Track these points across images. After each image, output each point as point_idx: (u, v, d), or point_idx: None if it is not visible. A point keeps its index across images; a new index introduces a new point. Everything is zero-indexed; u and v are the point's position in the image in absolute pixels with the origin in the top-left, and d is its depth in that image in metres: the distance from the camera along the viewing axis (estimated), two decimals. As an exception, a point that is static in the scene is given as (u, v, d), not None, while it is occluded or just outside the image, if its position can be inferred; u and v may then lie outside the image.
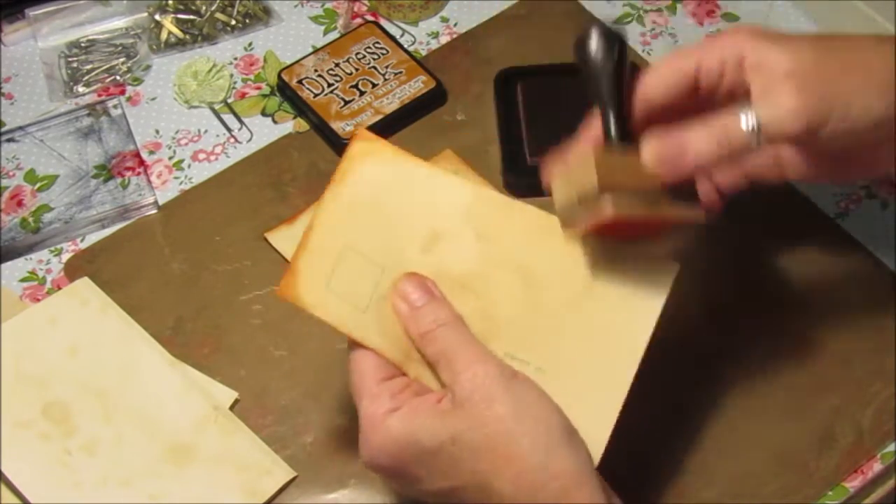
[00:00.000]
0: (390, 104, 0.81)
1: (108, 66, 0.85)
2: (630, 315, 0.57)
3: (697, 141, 0.55)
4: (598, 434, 0.55)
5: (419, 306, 0.56)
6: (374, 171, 0.58)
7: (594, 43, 0.57)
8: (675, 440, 0.68)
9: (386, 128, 0.81)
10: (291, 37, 0.87)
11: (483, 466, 0.53)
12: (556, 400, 0.54)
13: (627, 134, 0.57)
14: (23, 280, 0.75)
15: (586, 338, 0.57)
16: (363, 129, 0.59)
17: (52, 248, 0.76)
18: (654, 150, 0.55)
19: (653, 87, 0.58)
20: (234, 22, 0.87)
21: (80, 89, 0.84)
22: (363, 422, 0.55)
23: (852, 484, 0.67)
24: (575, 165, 0.55)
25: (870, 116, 0.55)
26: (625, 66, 0.58)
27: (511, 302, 0.57)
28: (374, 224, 0.58)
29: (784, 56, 0.55)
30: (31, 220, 0.77)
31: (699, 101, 0.59)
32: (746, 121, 0.55)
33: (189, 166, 0.80)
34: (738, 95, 0.57)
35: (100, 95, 0.84)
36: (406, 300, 0.56)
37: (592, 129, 0.59)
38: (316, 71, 0.83)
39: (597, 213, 0.53)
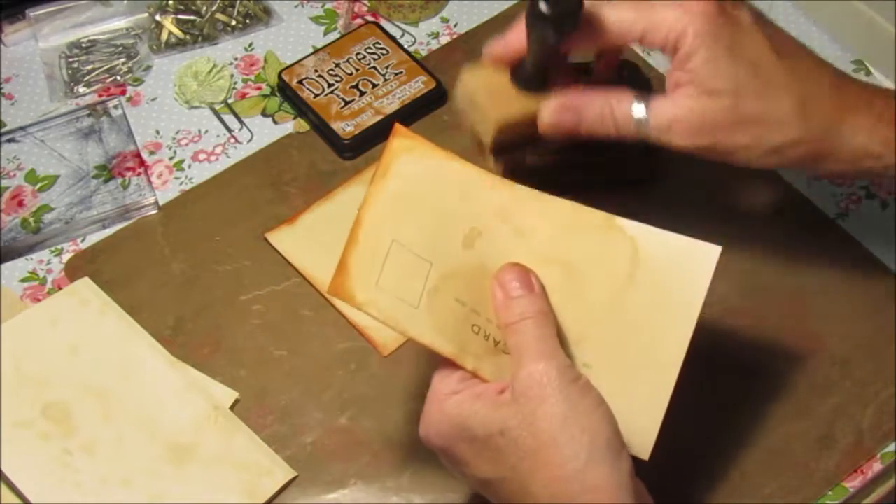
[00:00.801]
0: (390, 104, 0.81)
1: (108, 66, 0.85)
2: (674, 302, 0.57)
3: (590, 114, 0.60)
4: (647, 426, 0.56)
5: (514, 297, 0.56)
6: (413, 166, 0.57)
7: (544, 2, 0.56)
8: (674, 440, 0.68)
9: (386, 128, 0.80)
10: (292, 37, 0.87)
11: (524, 465, 0.53)
12: (604, 395, 0.55)
13: (541, 78, 0.61)
14: (23, 280, 0.75)
15: (631, 330, 0.57)
16: (399, 126, 0.58)
17: (53, 249, 0.76)
18: (551, 116, 0.60)
19: (593, 39, 0.60)
20: (234, 22, 0.87)
21: (81, 89, 0.84)
22: (427, 398, 0.57)
23: (852, 484, 0.67)
24: (482, 102, 0.62)
25: (751, 164, 0.60)
26: (568, 21, 0.57)
27: (553, 297, 0.57)
28: (418, 219, 0.57)
29: (705, 82, 0.57)
30: (31, 220, 0.77)
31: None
32: (638, 112, 0.59)
33: (189, 166, 0.80)
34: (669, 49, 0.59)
35: (100, 96, 0.84)
36: (504, 288, 0.57)
37: (510, 45, 0.61)
38: (316, 71, 0.83)
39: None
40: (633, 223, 0.58)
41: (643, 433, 0.56)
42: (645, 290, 0.57)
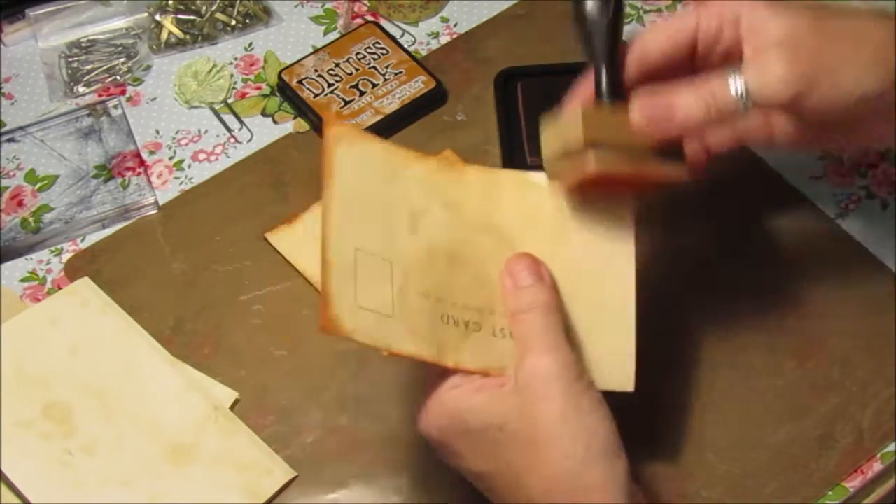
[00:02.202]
0: (390, 104, 0.81)
1: (108, 66, 0.85)
2: (608, 238, 0.59)
3: (686, 102, 0.56)
4: (623, 360, 0.57)
5: (523, 286, 0.56)
6: (348, 158, 0.57)
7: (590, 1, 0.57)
8: (674, 440, 0.68)
9: (386, 128, 0.81)
10: (292, 37, 0.87)
11: (520, 461, 0.53)
12: (572, 342, 0.55)
13: (620, 92, 0.58)
14: (23, 280, 0.75)
15: (578, 277, 0.58)
16: (328, 114, 0.58)
17: (53, 248, 0.76)
18: (642, 109, 0.56)
19: (650, 44, 0.59)
20: (234, 22, 0.87)
21: (81, 89, 0.84)
22: (426, 391, 0.57)
23: (852, 484, 0.67)
24: (564, 120, 0.56)
25: (859, 89, 0.55)
26: (621, 22, 0.58)
27: (498, 262, 0.58)
28: (369, 216, 0.57)
29: (778, 22, 0.55)
30: (31, 220, 0.77)
31: (696, 61, 0.60)
32: (735, 85, 0.56)
33: (189, 166, 0.80)
34: (733, 57, 0.58)
35: (100, 95, 0.84)
36: (514, 277, 0.57)
37: (584, 87, 0.59)
38: (316, 71, 0.83)
39: (581, 168, 0.55)
40: (545, 176, 0.59)
41: (621, 367, 0.57)
42: (579, 237, 0.59)
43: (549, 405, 0.53)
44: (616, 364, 0.58)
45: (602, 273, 0.59)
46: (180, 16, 0.86)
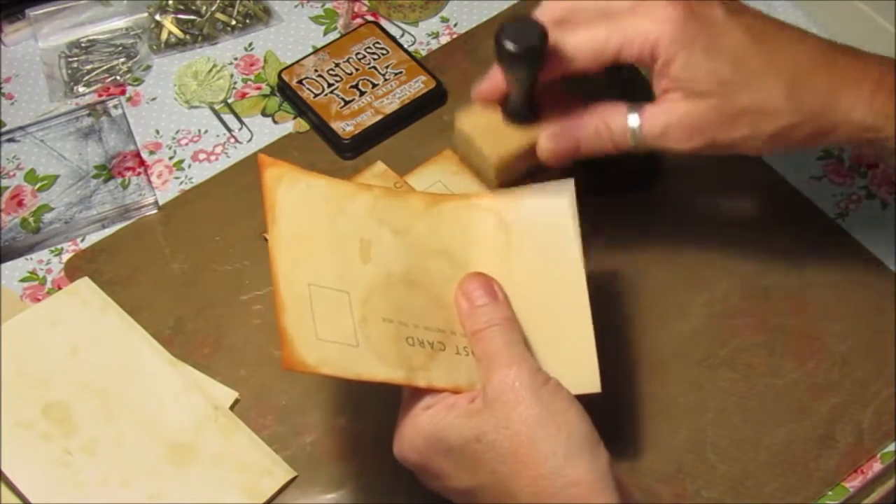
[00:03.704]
0: (390, 104, 0.81)
1: (108, 66, 0.85)
2: (555, 247, 0.60)
3: (584, 134, 0.59)
4: (586, 364, 0.58)
5: (478, 305, 0.57)
6: (291, 195, 0.57)
7: (509, 41, 0.56)
8: (674, 440, 0.68)
9: (386, 128, 0.81)
10: (291, 37, 0.87)
11: (503, 468, 0.53)
12: (536, 355, 0.57)
13: (528, 114, 0.61)
14: (23, 280, 0.75)
15: (531, 290, 0.59)
16: (263, 155, 0.57)
17: (53, 248, 0.76)
18: (548, 148, 0.60)
19: (570, 64, 0.59)
20: (234, 22, 0.87)
21: (81, 89, 0.84)
22: (399, 415, 0.57)
23: (852, 484, 0.67)
24: (477, 147, 0.61)
25: (757, 151, 0.59)
26: (543, 54, 0.57)
27: (450, 284, 0.59)
28: (318, 251, 0.57)
29: (689, 83, 0.57)
30: (31, 220, 0.77)
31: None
32: (632, 122, 0.59)
33: (189, 166, 0.80)
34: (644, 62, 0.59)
35: (100, 95, 0.84)
36: (468, 298, 0.58)
37: (493, 84, 0.61)
38: (316, 71, 0.83)
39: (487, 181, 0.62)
40: (487, 197, 0.61)
41: (585, 370, 0.58)
42: (525, 251, 0.60)
43: (524, 412, 0.53)
44: (580, 368, 0.58)
45: (553, 282, 0.60)
46: (180, 16, 0.86)
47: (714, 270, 0.74)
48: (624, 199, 0.77)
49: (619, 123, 0.59)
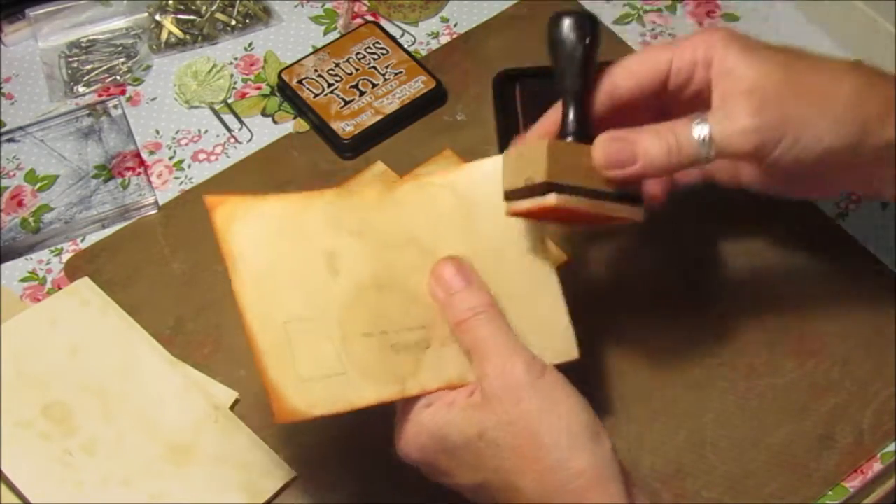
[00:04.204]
0: (390, 104, 0.81)
1: (108, 66, 0.85)
2: (516, 231, 0.60)
3: (648, 146, 0.55)
4: (561, 330, 0.59)
5: (455, 293, 0.57)
6: (245, 231, 0.56)
7: (565, 28, 0.56)
8: (674, 440, 0.68)
9: (386, 128, 0.81)
10: (292, 37, 0.87)
11: (507, 464, 0.53)
12: (512, 327, 0.56)
13: (586, 131, 0.58)
14: (23, 280, 0.75)
15: (498, 263, 0.59)
16: (209, 197, 0.56)
17: (53, 248, 0.76)
18: (604, 151, 0.55)
19: (620, 81, 0.59)
20: (234, 22, 0.87)
21: (81, 89, 0.84)
22: (399, 415, 0.57)
23: (852, 484, 0.67)
24: (528, 151, 0.57)
25: (821, 146, 0.56)
26: (595, 54, 0.57)
27: (423, 272, 0.58)
28: (285, 283, 0.56)
29: (750, 70, 0.56)
30: (31, 220, 0.77)
31: (666, 98, 0.60)
32: (699, 132, 0.55)
33: (189, 166, 0.80)
34: (704, 98, 0.58)
35: (100, 95, 0.84)
36: (442, 285, 0.57)
37: (551, 119, 0.59)
38: (316, 71, 0.83)
39: (541, 201, 0.55)
40: (438, 174, 0.61)
41: (562, 338, 0.59)
42: (486, 221, 0.60)
43: (524, 407, 0.53)
44: (555, 337, 0.59)
45: (518, 253, 0.60)
46: (180, 16, 0.86)
47: (714, 271, 0.74)
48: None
49: (685, 132, 0.55)
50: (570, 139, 0.57)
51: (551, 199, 0.54)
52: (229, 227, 0.56)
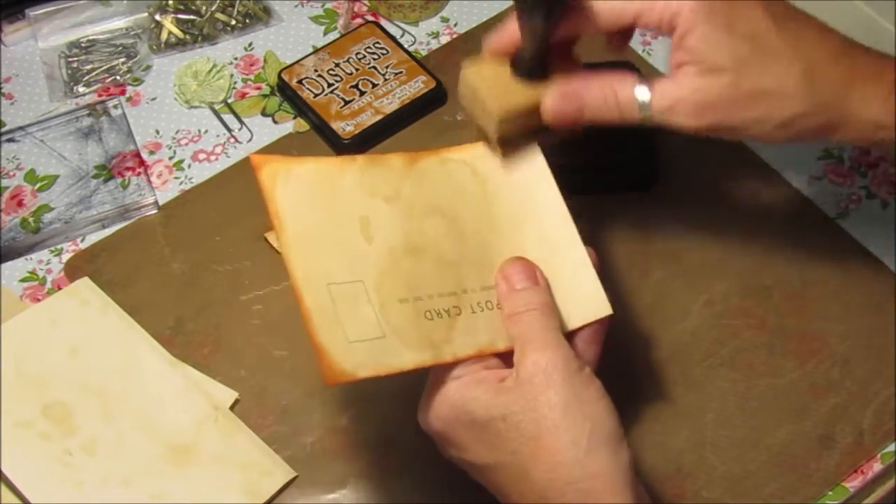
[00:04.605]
0: (390, 104, 0.81)
1: (108, 66, 0.85)
2: (530, 185, 0.61)
3: (592, 102, 0.58)
4: (592, 291, 0.59)
5: (518, 289, 0.57)
6: (288, 193, 0.57)
7: None
8: (674, 440, 0.68)
9: (386, 128, 0.81)
10: (291, 37, 0.87)
11: (524, 450, 0.53)
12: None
13: (541, 68, 0.60)
14: (23, 280, 0.75)
15: (520, 230, 0.60)
16: (255, 156, 0.57)
17: (53, 248, 0.76)
18: (553, 109, 0.59)
19: (583, 27, 0.59)
20: (234, 22, 0.87)
21: (81, 89, 0.84)
22: (428, 382, 0.57)
23: (852, 484, 0.67)
24: (481, 99, 0.60)
25: (770, 139, 0.58)
26: (564, 4, 0.57)
27: (450, 241, 0.59)
28: (326, 246, 0.57)
29: (711, 54, 0.56)
30: (31, 220, 0.77)
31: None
32: (641, 95, 0.58)
33: (189, 166, 0.80)
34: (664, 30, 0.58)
35: (100, 95, 0.84)
36: (508, 281, 0.58)
37: (509, 33, 0.60)
38: (316, 71, 0.83)
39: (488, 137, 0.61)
40: (457, 150, 0.62)
41: (592, 297, 0.59)
42: (504, 197, 0.61)
43: (552, 396, 0.53)
44: (586, 296, 0.59)
45: (538, 222, 0.61)
46: (180, 16, 0.86)
47: (714, 270, 0.74)
48: (624, 200, 0.77)
49: (627, 93, 0.58)
50: (521, 74, 0.60)
51: (497, 146, 0.61)
52: (274, 186, 0.56)
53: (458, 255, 0.59)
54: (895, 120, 0.57)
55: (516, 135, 0.61)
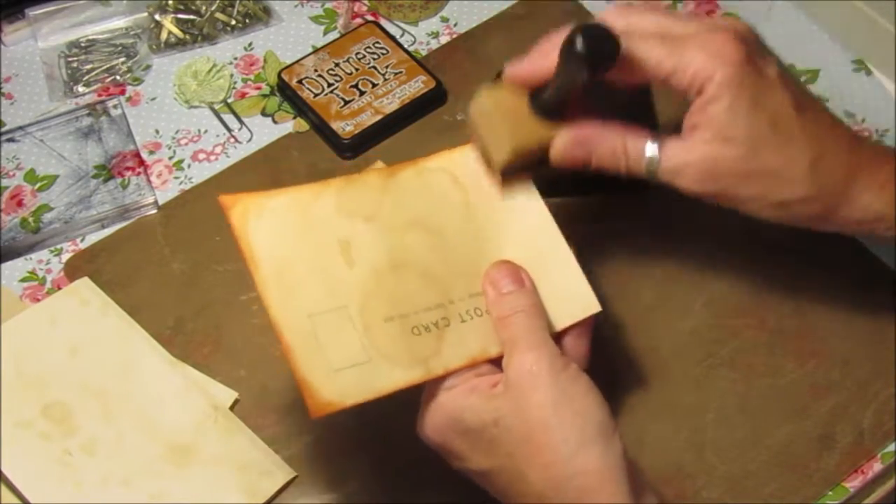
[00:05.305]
0: (390, 104, 0.81)
1: (108, 66, 0.85)
2: (516, 199, 0.62)
3: (602, 152, 0.59)
4: (579, 290, 0.60)
5: (505, 293, 0.58)
6: (262, 227, 0.56)
7: (585, 45, 0.55)
8: (674, 440, 0.68)
9: (386, 128, 0.81)
10: (291, 37, 0.87)
11: (519, 452, 0.54)
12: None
13: (558, 112, 0.60)
14: (23, 280, 0.75)
15: (503, 235, 0.60)
16: (224, 197, 0.57)
17: (52, 248, 0.76)
18: (562, 153, 0.60)
19: (615, 79, 0.59)
20: (234, 22, 0.87)
21: (80, 89, 0.84)
22: (423, 395, 0.58)
23: (852, 484, 0.67)
24: (497, 126, 0.60)
25: (773, 217, 0.60)
26: (610, 68, 0.56)
27: (434, 252, 0.59)
28: (304, 277, 0.56)
29: (729, 125, 0.57)
30: (31, 219, 0.77)
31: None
32: (650, 151, 0.59)
33: (189, 166, 0.80)
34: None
35: (100, 95, 0.84)
36: (495, 286, 0.58)
37: (534, 66, 0.60)
38: (316, 71, 0.83)
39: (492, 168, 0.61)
40: (434, 159, 0.62)
41: (581, 295, 0.60)
42: (484, 202, 0.61)
43: (540, 396, 0.54)
44: (574, 295, 0.60)
45: (520, 224, 0.61)
46: (180, 16, 0.86)
47: (714, 270, 0.74)
48: (623, 200, 0.77)
49: (637, 150, 0.59)
50: (539, 112, 0.60)
51: (498, 174, 0.61)
52: (245, 225, 0.56)
53: (443, 266, 0.59)
54: (883, 209, 0.60)
55: (518, 165, 0.61)
